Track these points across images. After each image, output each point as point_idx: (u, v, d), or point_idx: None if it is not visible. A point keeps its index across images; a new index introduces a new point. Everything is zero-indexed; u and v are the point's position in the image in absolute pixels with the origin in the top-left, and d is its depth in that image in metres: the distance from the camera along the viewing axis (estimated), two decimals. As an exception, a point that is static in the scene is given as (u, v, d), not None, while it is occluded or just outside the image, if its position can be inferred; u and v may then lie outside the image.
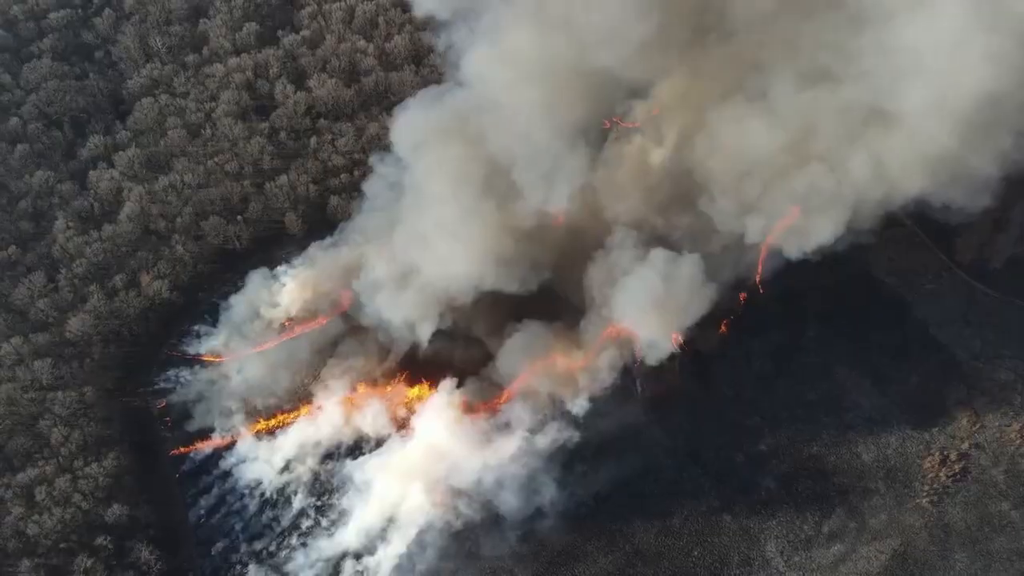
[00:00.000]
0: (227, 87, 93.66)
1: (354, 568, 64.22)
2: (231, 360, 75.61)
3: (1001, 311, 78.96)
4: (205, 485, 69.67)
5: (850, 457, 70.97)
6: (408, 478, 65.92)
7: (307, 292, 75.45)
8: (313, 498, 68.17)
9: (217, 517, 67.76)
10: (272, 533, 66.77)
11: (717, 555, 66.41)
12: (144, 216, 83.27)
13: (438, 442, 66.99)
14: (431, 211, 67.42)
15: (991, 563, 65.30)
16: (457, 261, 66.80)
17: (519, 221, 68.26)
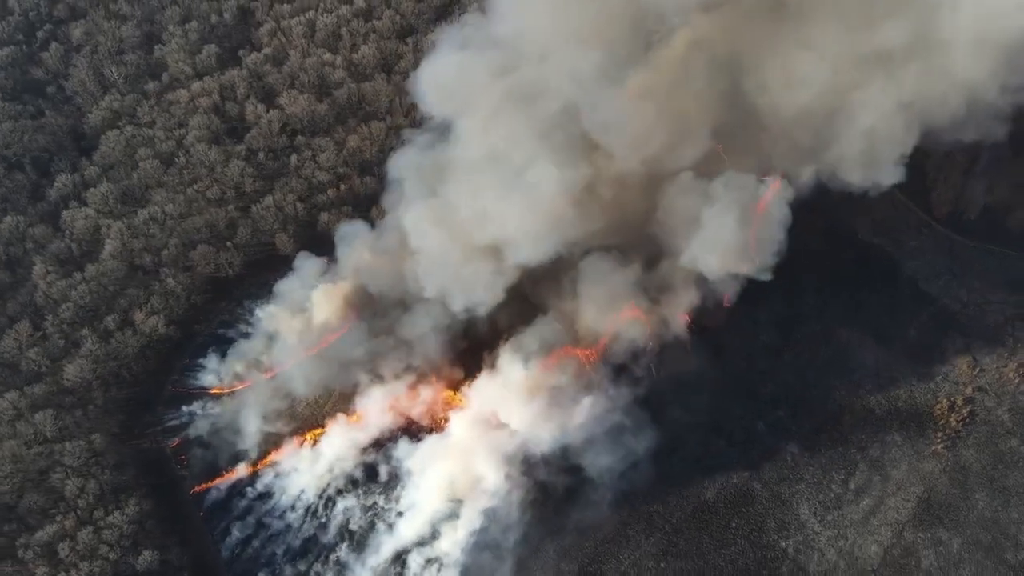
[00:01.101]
0: (195, 112, 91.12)
1: (423, 558, 63.93)
2: (243, 388, 73.55)
3: (982, 259, 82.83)
4: (233, 517, 67.75)
5: (864, 414, 73.43)
6: (467, 456, 66.03)
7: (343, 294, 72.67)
8: (365, 496, 67.73)
9: (252, 547, 66.01)
10: (317, 547, 65.55)
11: (754, 524, 67.90)
12: (128, 252, 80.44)
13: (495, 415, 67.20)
14: (498, 176, 64.47)
15: (1009, 498, 68.47)
16: (535, 223, 63.64)
17: (601, 171, 65.88)
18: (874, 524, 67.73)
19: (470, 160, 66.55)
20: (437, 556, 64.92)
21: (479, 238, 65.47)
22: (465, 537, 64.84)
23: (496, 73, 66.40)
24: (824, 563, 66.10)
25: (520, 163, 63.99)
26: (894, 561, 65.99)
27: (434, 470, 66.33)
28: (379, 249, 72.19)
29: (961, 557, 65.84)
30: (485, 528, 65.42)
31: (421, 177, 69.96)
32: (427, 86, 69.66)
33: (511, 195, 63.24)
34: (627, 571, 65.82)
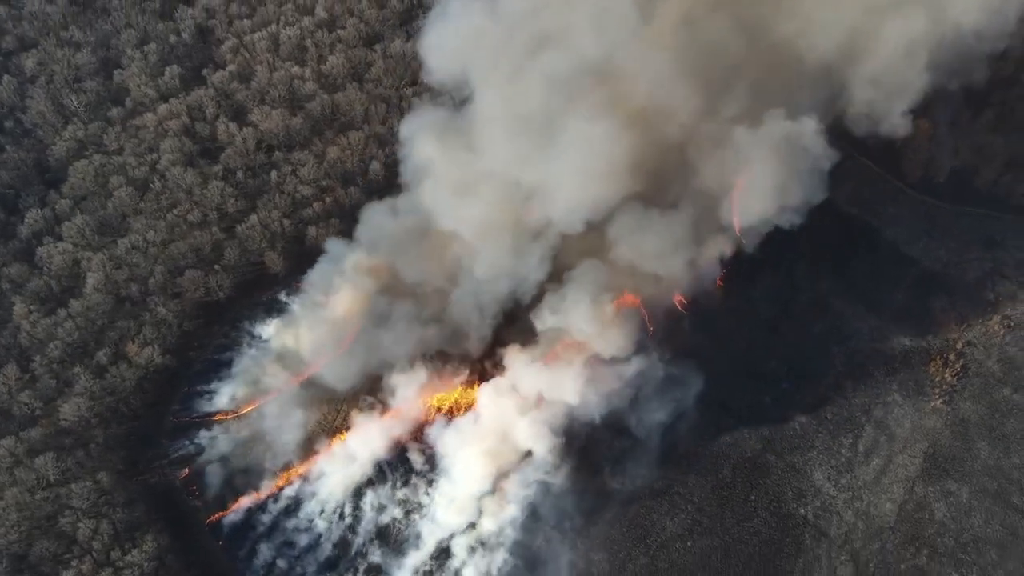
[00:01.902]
0: (165, 135, 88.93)
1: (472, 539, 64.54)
2: (248, 412, 72.17)
3: (955, 220, 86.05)
4: (255, 539, 66.50)
5: (864, 377, 75.65)
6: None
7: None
8: (400, 489, 68.02)
9: (280, 568, 64.90)
10: (352, 550, 65.26)
11: (772, 495, 69.38)
12: (112, 284, 78.12)
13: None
14: (538, 139, 62.78)
15: (1009, 445, 71.31)
16: (583, 184, 62.05)
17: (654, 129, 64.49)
18: (886, 483, 69.85)
19: (499, 124, 64.16)
20: (483, 538, 65.37)
21: (521, 207, 63.98)
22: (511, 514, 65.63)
23: (512, 29, 63.79)
24: (843, 525, 67.91)
25: (554, 122, 61.95)
26: (909, 516, 68.16)
27: (472, 449, 66.51)
28: (407, 231, 70.39)
29: (971, 505, 68.33)
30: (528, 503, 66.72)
31: (446, 149, 67.60)
32: (438, 50, 67.09)
33: (556, 157, 61.36)
34: (656, 554, 66.59)
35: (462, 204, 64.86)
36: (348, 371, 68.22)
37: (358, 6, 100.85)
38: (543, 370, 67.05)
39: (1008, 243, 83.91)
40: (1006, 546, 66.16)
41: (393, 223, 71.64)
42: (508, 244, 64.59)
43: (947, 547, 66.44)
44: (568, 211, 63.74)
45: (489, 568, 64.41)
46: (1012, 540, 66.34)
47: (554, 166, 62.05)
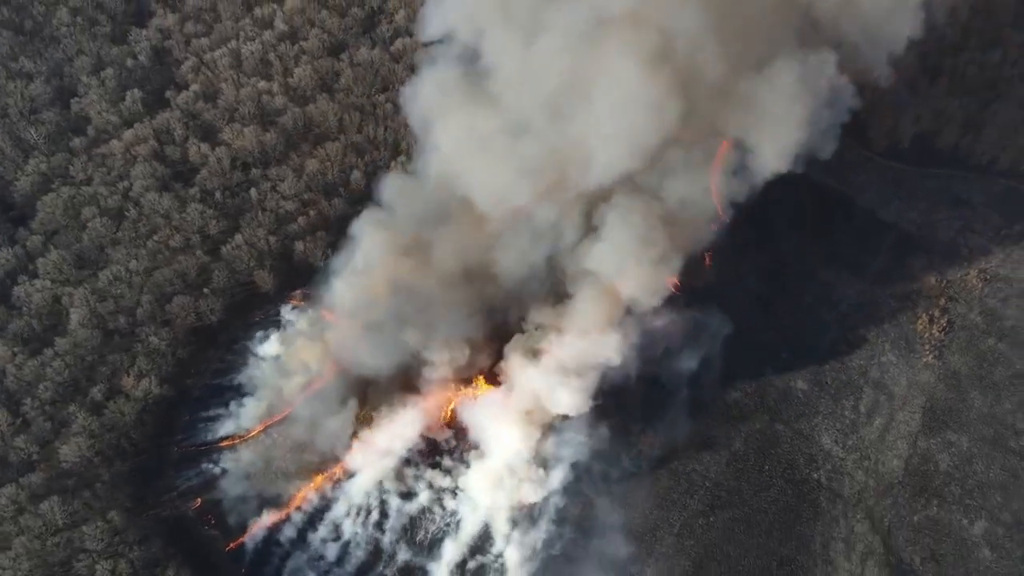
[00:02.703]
0: (134, 162, 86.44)
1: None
2: (257, 433, 70.88)
3: (922, 182, 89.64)
4: (278, 558, 65.59)
5: (857, 341, 78.26)
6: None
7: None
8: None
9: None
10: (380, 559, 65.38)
11: (785, 463, 71.26)
12: (98, 318, 75.68)
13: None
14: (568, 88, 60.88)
15: (999, 392, 74.66)
16: (624, 133, 60.05)
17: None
18: (890, 440, 72.38)
19: (525, 78, 61.99)
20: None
21: (553, 165, 62.19)
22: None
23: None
24: (855, 485, 70.14)
25: (583, 69, 59.97)
26: (915, 469, 70.77)
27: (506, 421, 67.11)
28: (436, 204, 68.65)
29: (972, 453, 71.31)
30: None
31: (464, 111, 65.29)
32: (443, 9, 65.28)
33: (592, 104, 59.52)
34: (680, 532, 67.71)
35: (486, 167, 63.30)
36: (382, 358, 66.80)
37: (319, 16, 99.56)
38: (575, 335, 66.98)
39: (974, 200, 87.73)
40: (1009, 488, 69.23)
41: (421, 198, 69.84)
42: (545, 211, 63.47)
43: (954, 495, 69.18)
44: (608, 160, 61.55)
45: (534, 543, 64.97)
46: (1014, 482, 69.44)
47: (590, 114, 60.39)
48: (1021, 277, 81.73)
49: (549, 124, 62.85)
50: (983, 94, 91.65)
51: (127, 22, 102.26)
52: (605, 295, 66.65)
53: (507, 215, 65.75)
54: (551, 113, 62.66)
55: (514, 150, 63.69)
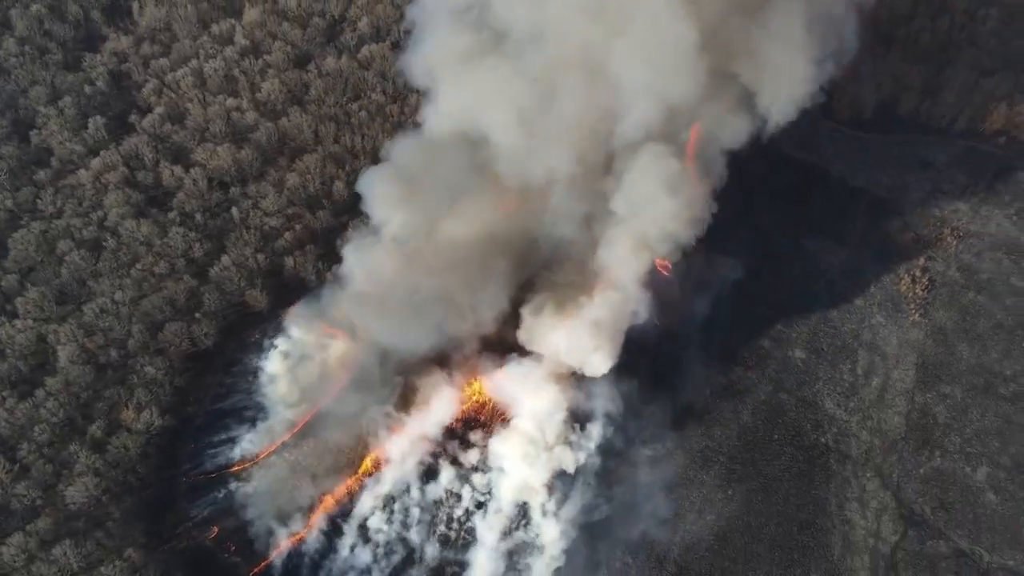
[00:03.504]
0: (105, 190, 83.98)
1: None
2: (268, 455, 69.72)
3: (888, 148, 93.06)
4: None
5: (847, 306, 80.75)
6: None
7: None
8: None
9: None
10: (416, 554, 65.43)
11: (793, 430, 73.11)
12: (87, 353, 73.36)
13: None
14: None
15: (984, 343, 77.90)
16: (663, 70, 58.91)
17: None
18: (889, 398, 74.87)
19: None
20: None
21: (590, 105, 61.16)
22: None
23: None
24: (861, 445, 72.36)
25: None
26: (915, 424, 73.37)
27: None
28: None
29: (966, 403, 74.25)
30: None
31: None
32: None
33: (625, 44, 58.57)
34: (701, 508, 68.91)
35: (512, 127, 62.42)
36: (413, 338, 66.05)
37: (280, 29, 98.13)
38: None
39: (938, 162, 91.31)
40: (1004, 433, 72.34)
41: (439, 162, 67.68)
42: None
43: (955, 444, 71.95)
44: (642, 114, 61.08)
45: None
46: (1008, 427, 72.59)
47: (623, 67, 59.57)
48: (991, 231, 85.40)
49: (579, 82, 62.27)
50: (936, 59, 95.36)
51: (78, 48, 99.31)
52: (634, 245, 66.64)
53: (538, 176, 64.84)
54: (582, 69, 61.86)
55: (545, 109, 62.88)
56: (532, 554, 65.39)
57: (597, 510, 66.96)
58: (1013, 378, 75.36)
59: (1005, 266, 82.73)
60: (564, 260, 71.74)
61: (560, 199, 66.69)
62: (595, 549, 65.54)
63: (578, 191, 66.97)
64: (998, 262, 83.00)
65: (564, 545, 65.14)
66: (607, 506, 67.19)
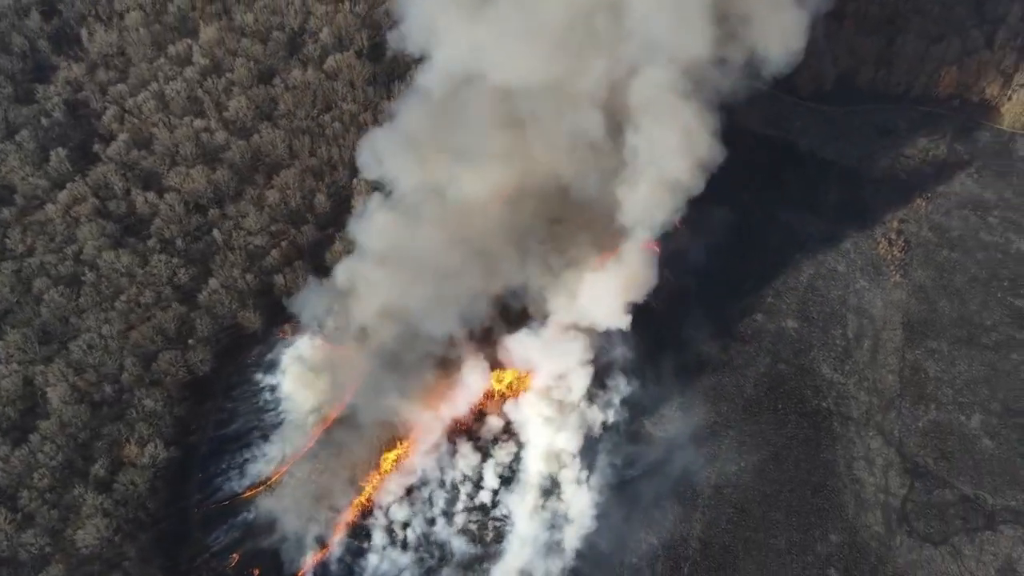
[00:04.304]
0: (77, 223, 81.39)
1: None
2: (281, 476, 68.69)
3: (851, 119, 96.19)
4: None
5: (830, 275, 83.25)
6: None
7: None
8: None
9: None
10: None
11: (795, 398, 75.11)
12: (80, 392, 71.07)
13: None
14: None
15: (962, 297, 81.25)
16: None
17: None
18: (881, 358, 77.52)
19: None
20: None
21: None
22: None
23: None
24: (860, 405, 74.76)
25: None
26: (909, 380, 76.16)
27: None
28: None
29: (953, 355, 77.35)
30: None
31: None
32: None
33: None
34: (717, 482, 70.27)
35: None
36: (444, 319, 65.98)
37: (239, 45, 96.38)
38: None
39: (899, 128, 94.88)
40: (992, 380, 75.63)
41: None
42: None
43: (947, 396, 74.92)
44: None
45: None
46: (995, 374, 75.91)
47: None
48: (956, 191, 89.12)
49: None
50: (886, 30, 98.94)
51: (28, 80, 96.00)
52: (653, 189, 67.24)
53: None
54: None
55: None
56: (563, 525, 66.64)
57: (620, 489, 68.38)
58: (994, 327, 78.79)
59: (972, 222, 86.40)
60: (586, 215, 72.02)
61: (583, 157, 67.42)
62: (623, 525, 66.56)
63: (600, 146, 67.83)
64: (965, 219, 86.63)
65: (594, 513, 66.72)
66: (629, 487, 68.04)
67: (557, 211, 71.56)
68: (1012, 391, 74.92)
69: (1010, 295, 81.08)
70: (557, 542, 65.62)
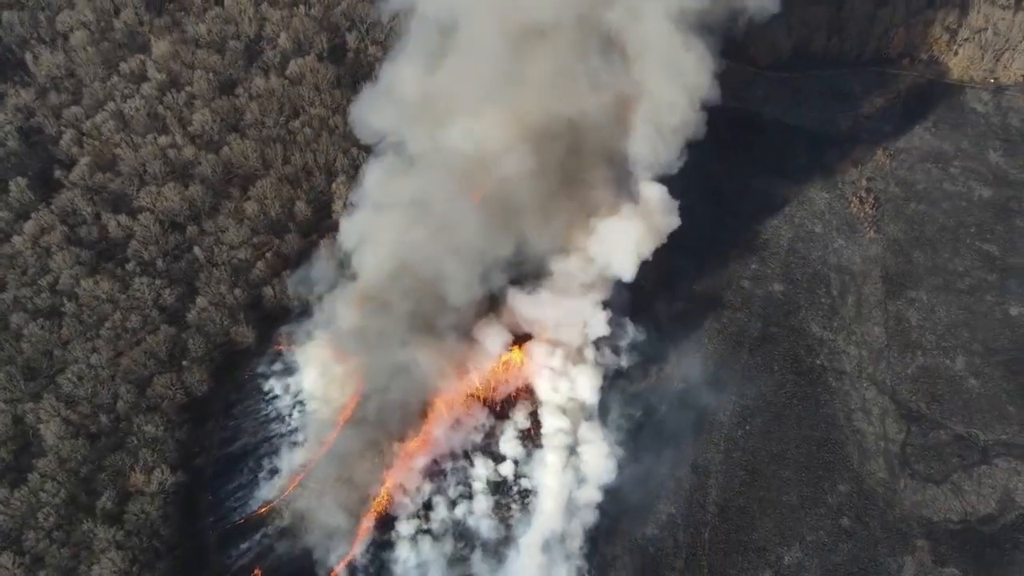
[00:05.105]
0: (47, 254, 78.60)
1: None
2: (294, 488, 67.84)
3: (809, 84, 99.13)
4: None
5: (809, 236, 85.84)
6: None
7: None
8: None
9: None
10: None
11: (789, 358, 77.56)
12: (75, 426, 68.88)
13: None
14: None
15: (934, 246, 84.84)
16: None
17: None
18: (866, 312, 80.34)
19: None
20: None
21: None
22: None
23: None
24: (852, 359, 77.44)
25: None
26: (894, 331, 79.17)
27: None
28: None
29: (932, 303, 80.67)
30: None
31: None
32: None
33: None
34: (727, 447, 72.01)
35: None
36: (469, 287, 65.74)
37: (195, 57, 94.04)
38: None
39: (856, 91, 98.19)
40: (970, 323, 79.16)
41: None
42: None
43: (931, 342, 78.12)
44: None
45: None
46: (972, 317, 79.42)
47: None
48: (915, 145, 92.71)
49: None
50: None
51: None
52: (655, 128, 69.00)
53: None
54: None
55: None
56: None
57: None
58: (966, 272, 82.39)
59: (935, 174, 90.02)
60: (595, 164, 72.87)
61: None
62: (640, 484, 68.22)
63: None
64: (928, 172, 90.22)
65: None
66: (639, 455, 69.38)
67: (566, 161, 71.69)
68: (990, 331, 78.50)
69: (978, 240, 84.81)
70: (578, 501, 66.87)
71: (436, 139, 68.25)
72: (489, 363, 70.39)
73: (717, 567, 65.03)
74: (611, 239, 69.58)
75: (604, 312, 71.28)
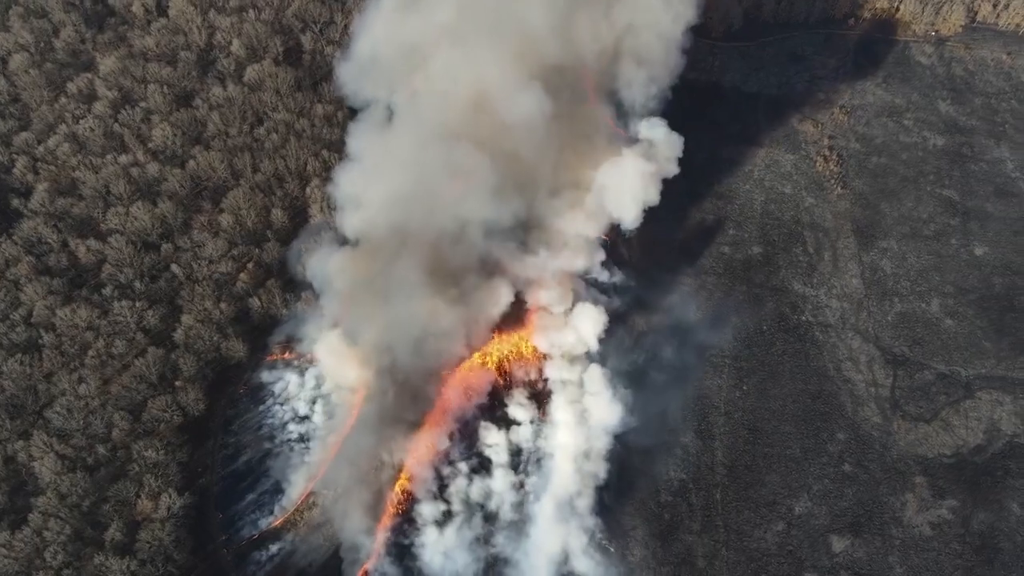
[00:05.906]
0: (16, 286, 75.67)
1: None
2: (307, 498, 67.16)
3: (762, 51, 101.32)
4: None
5: (780, 198, 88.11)
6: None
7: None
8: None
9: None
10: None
11: (777, 316, 79.69)
12: (70, 461, 66.75)
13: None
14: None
15: (898, 196, 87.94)
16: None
17: None
18: (842, 266, 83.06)
19: None
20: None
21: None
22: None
23: None
24: (835, 312, 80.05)
25: None
26: (870, 280, 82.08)
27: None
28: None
29: (902, 251, 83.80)
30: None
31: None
32: None
33: None
34: (727, 409, 73.79)
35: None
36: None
37: (145, 71, 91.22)
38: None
39: (808, 53, 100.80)
40: (940, 267, 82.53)
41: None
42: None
43: (906, 288, 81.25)
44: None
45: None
46: (941, 260, 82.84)
47: None
48: (869, 102, 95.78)
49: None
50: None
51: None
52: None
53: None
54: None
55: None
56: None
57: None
58: (930, 219, 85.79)
59: (891, 128, 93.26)
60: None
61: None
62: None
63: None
64: (884, 126, 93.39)
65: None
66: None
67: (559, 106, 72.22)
68: (959, 272, 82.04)
69: (937, 187, 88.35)
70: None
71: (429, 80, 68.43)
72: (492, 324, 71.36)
73: (732, 524, 66.76)
74: (614, 182, 71.28)
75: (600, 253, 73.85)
